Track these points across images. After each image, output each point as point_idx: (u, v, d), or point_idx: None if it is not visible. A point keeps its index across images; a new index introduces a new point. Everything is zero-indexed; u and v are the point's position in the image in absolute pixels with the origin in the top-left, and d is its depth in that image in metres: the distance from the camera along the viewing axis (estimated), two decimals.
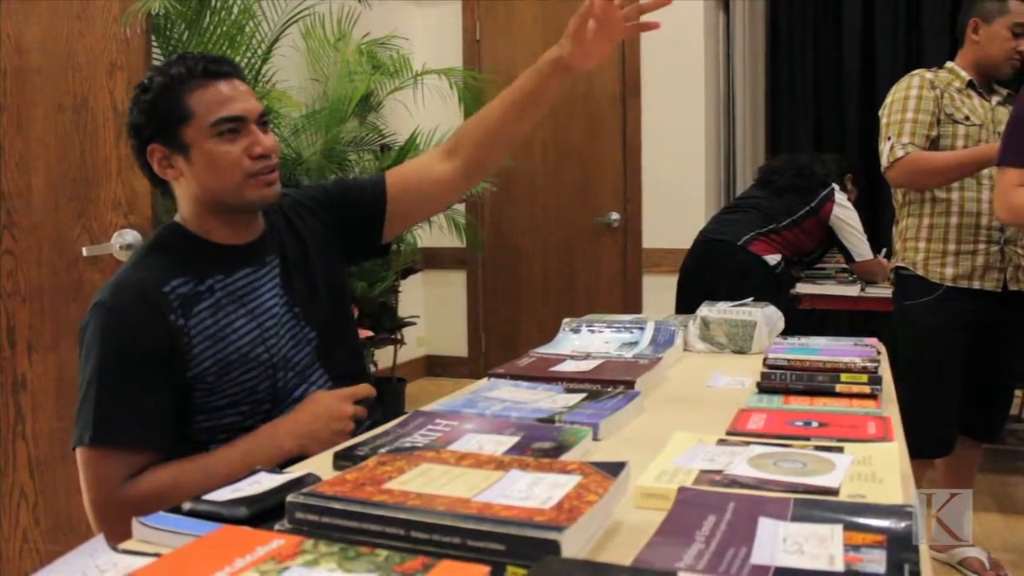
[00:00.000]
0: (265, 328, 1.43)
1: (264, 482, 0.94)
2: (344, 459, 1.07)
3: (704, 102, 4.51)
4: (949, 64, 2.61)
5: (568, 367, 1.56)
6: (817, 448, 1.05)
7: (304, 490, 0.79)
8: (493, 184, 4.06)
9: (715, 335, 1.90)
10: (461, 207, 4.10)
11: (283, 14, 3.20)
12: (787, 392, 1.41)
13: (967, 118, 2.48)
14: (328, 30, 3.83)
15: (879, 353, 1.73)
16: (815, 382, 1.42)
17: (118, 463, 1.30)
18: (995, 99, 2.57)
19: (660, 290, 4.42)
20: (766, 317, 1.92)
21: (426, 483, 0.81)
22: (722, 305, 1.97)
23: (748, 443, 1.07)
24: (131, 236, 2.09)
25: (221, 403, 1.38)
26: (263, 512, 0.86)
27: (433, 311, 5.18)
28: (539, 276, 4.93)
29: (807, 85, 4.77)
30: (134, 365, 1.31)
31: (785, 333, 1.99)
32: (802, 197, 3.32)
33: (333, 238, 1.62)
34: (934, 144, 2.50)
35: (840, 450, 1.04)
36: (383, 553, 0.65)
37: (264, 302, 1.45)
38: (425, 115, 4.00)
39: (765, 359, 1.57)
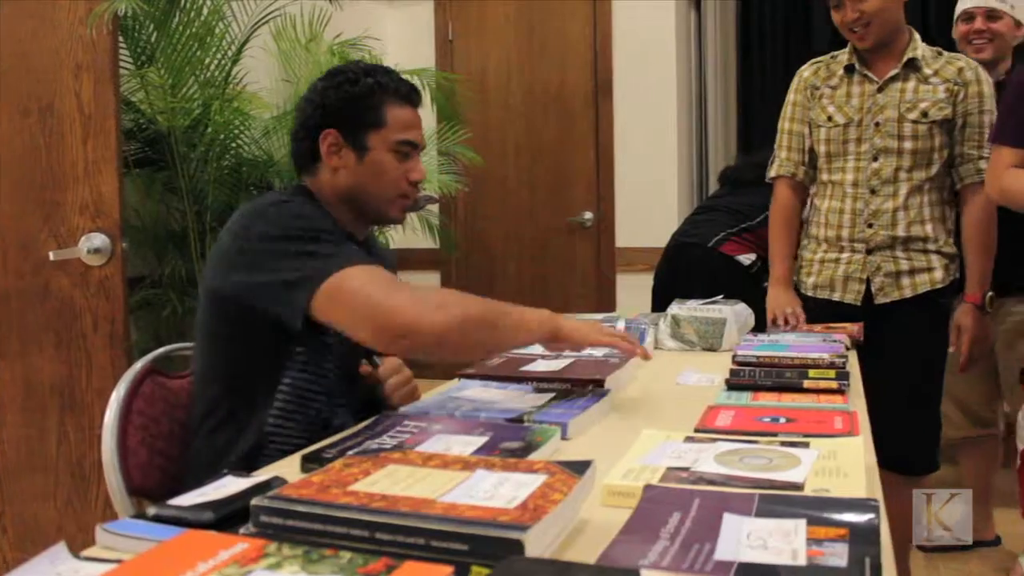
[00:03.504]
0: None
1: (230, 486, 0.93)
2: (311, 461, 1.06)
3: (676, 101, 4.52)
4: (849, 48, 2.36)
5: (538, 366, 1.56)
6: (783, 444, 1.06)
7: (269, 493, 0.78)
8: (466, 184, 4.06)
9: (686, 333, 1.92)
10: (435, 208, 4.08)
11: (253, 15, 3.17)
12: (755, 388, 1.42)
13: (830, 119, 2.33)
14: (299, 31, 3.80)
15: (847, 348, 1.75)
16: (783, 378, 1.43)
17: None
18: (892, 71, 2.26)
19: (634, 289, 4.43)
20: (736, 314, 1.94)
21: (391, 484, 0.80)
22: (692, 303, 1.98)
23: (715, 440, 1.08)
24: (99, 240, 2.07)
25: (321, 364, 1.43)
26: (229, 516, 0.85)
27: None
28: (513, 276, 4.92)
29: (779, 84, 4.77)
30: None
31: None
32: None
33: None
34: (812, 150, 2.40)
35: (806, 445, 1.04)
36: (346, 555, 0.65)
37: None
38: None
39: (734, 356, 1.59)
